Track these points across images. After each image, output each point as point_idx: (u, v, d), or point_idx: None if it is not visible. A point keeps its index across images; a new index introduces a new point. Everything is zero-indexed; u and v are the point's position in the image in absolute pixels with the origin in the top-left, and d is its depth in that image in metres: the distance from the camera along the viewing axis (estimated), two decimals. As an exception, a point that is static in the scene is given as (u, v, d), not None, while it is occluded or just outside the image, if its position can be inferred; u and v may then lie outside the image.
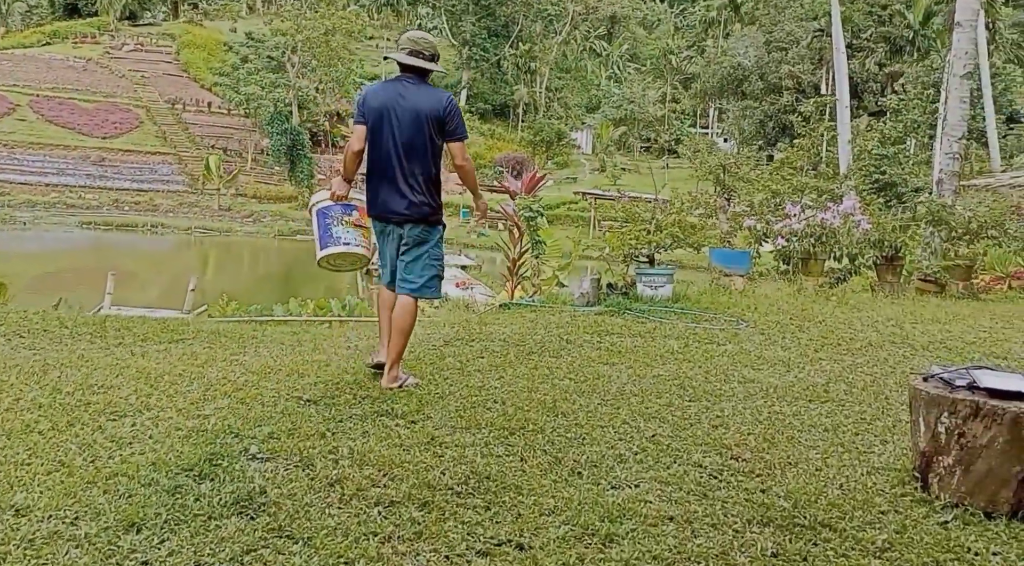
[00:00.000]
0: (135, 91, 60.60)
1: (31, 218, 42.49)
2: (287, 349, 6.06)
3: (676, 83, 71.89)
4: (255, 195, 50.49)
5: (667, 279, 8.02)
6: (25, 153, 50.68)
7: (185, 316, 15.56)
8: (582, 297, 7.83)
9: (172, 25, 76.98)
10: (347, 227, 5.03)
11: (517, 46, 68.43)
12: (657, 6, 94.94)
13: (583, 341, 6.29)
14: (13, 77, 58.66)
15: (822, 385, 5.28)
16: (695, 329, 6.94)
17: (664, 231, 7.96)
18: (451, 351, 5.82)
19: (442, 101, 4.71)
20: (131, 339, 6.32)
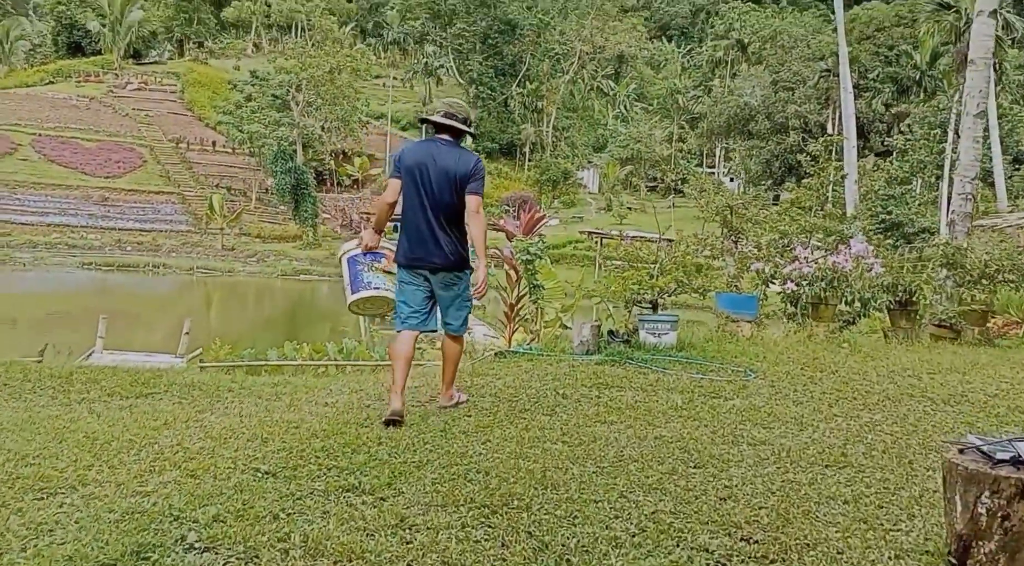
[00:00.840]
0: (139, 130, 60.93)
1: (31, 258, 42.41)
2: (260, 405, 5.65)
3: (683, 123, 72.06)
4: (259, 234, 50.36)
5: (671, 326, 7.60)
6: (27, 193, 50.84)
7: (178, 361, 15.22)
8: (581, 345, 7.40)
9: (177, 64, 77.65)
10: (376, 273, 5.50)
11: (524, 85, 68.70)
12: (664, 46, 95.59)
13: (580, 396, 5.85)
14: (15, 116, 59.11)
15: (839, 447, 4.83)
16: (700, 381, 6.51)
17: (668, 275, 7.56)
18: (436, 410, 5.39)
19: (471, 163, 5.16)
20: (96, 393, 5.96)
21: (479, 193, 5.18)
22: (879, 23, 59.47)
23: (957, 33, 39.96)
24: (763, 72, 62.05)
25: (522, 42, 68.10)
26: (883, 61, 56.50)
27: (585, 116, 75.05)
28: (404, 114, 72.88)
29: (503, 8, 67.27)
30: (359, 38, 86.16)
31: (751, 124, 58.32)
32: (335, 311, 26.37)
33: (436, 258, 5.15)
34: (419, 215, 5.12)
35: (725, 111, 60.45)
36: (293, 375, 13.34)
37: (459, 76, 69.72)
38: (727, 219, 9.52)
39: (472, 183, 5.12)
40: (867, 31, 58.89)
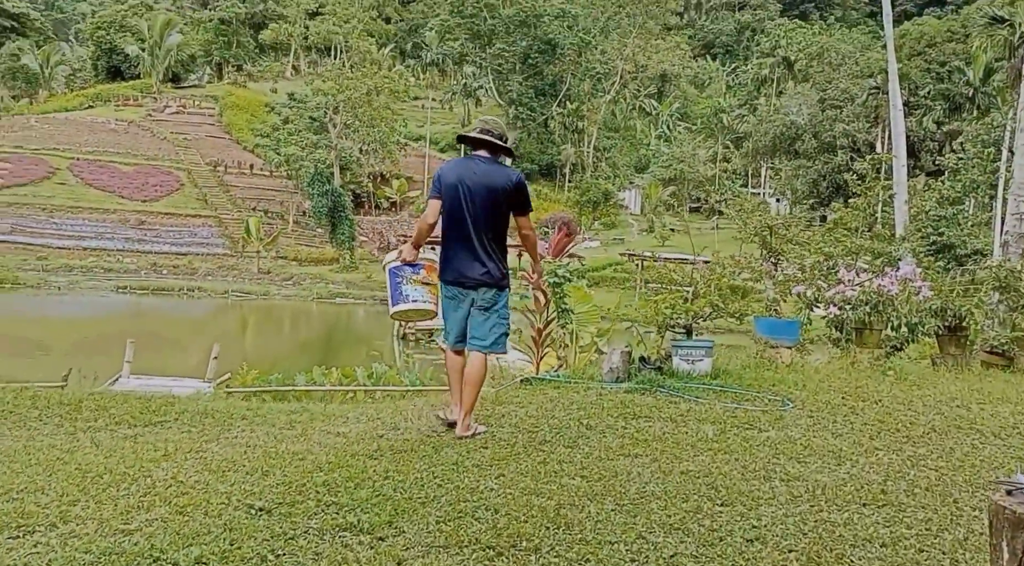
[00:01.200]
0: (176, 153, 61.03)
1: (67, 282, 42.43)
2: (271, 435, 5.45)
3: (727, 142, 71.43)
4: (295, 257, 50.32)
5: (705, 352, 7.29)
6: (64, 217, 51.16)
7: (206, 386, 15.11)
8: (610, 372, 7.12)
9: (216, 87, 77.85)
10: (415, 285, 5.58)
11: (565, 105, 68.51)
12: (709, 64, 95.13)
13: (605, 427, 5.57)
14: (54, 140, 59.50)
15: (879, 484, 4.50)
16: (734, 411, 6.19)
17: (703, 299, 7.25)
18: (452, 440, 5.14)
19: (511, 178, 5.23)
20: (104, 422, 5.82)
21: (528, 210, 5.34)
22: (930, 39, 58.46)
23: (1011, 48, 39.05)
24: (810, 90, 61.26)
25: (563, 62, 67.90)
26: (934, 78, 55.46)
27: (627, 136, 74.65)
28: (443, 136, 73.02)
29: (544, 28, 67.17)
30: (398, 59, 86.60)
31: (797, 143, 57.54)
32: (370, 334, 26.40)
33: (477, 274, 5.21)
34: (460, 232, 5.17)
35: (770, 130, 59.76)
36: (320, 400, 13.24)
37: (498, 97, 69.72)
38: (766, 240, 9.14)
39: (519, 201, 5.24)
40: (918, 47, 57.91)
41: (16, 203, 51.35)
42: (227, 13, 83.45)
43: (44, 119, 65.02)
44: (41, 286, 41.66)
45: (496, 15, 66.55)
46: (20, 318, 34.04)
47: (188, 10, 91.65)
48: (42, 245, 48.07)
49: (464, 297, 5.31)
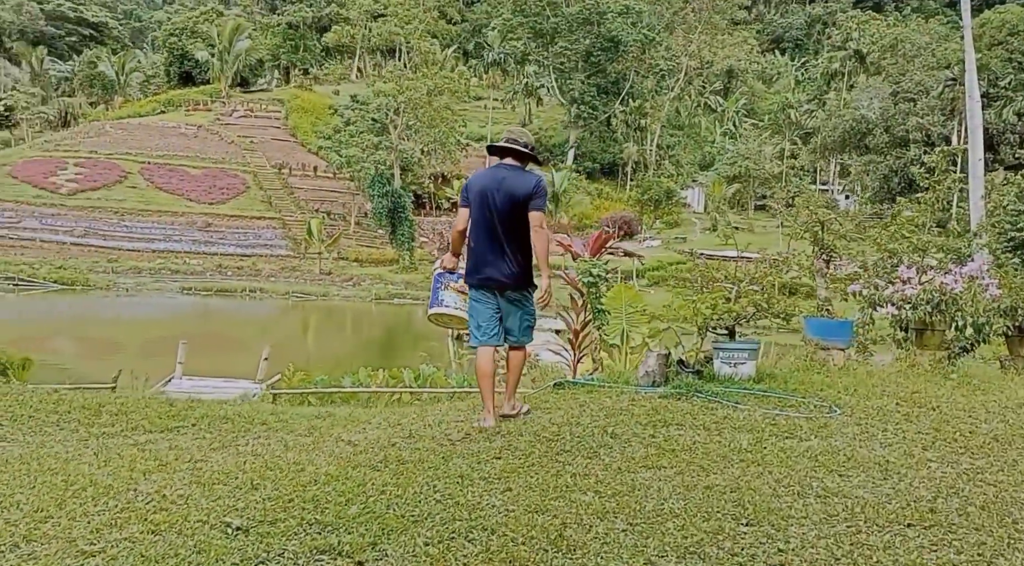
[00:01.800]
0: (243, 156, 61.93)
1: (134, 284, 43.23)
2: (281, 443, 5.27)
3: (795, 138, 69.84)
4: (357, 258, 50.60)
5: (749, 354, 6.87)
6: (134, 220, 52.31)
7: (256, 387, 15.17)
8: (646, 376, 6.76)
9: (282, 90, 78.74)
10: (452, 292, 5.88)
11: (627, 103, 67.72)
12: (777, 59, 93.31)
13: (632, 435, 5.22)
14: (127, 145, 60.97)
15: (927, 501, 4.08)
16: (775, 418, 5.78)
17: (745, 298, 6.82)
18: (464, 450, 4.85)
19: (532, 182, 5.46)
20: (119, 428, 5.74)
21: (541, 209, 5.45)
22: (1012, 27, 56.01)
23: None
24: (882, 83, 59.41)
25: (626, 59, 67.03)
26: (1016, 67, 53.19)
27: (691, 133, 73.51)
28: (505, 136, 72.48)
29: (607, 25, 66.44)
30: (461, 60, 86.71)
31: (868, 138, 55.81)
32: (427, 335, 26.27)
33: (503, 277, 5.47)
34: (486, 237, 5.44)
35: (840, 125, 58.09)
36: (368, 402, 13.14)
37: (560, 95, 69.24)
38: (817, 236, 8.59)
39: (534, 200, 5.39)
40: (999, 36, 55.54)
41: (89, 207, 52.70)
42: (294, 17, 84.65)
43: (118, 124, 66.51)
44: (110, 287, 42.53)
45: (559, 13, 66.07)
46: (91, 319, 34.92)
47: (257, 15, 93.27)
48: (113, 247, 49.26)
49: (490, 298, 5.58)
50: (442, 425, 5.66)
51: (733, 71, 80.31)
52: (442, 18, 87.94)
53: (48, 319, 35.08)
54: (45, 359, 23.70)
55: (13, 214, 50.84)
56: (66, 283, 41.96)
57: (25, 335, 29.04)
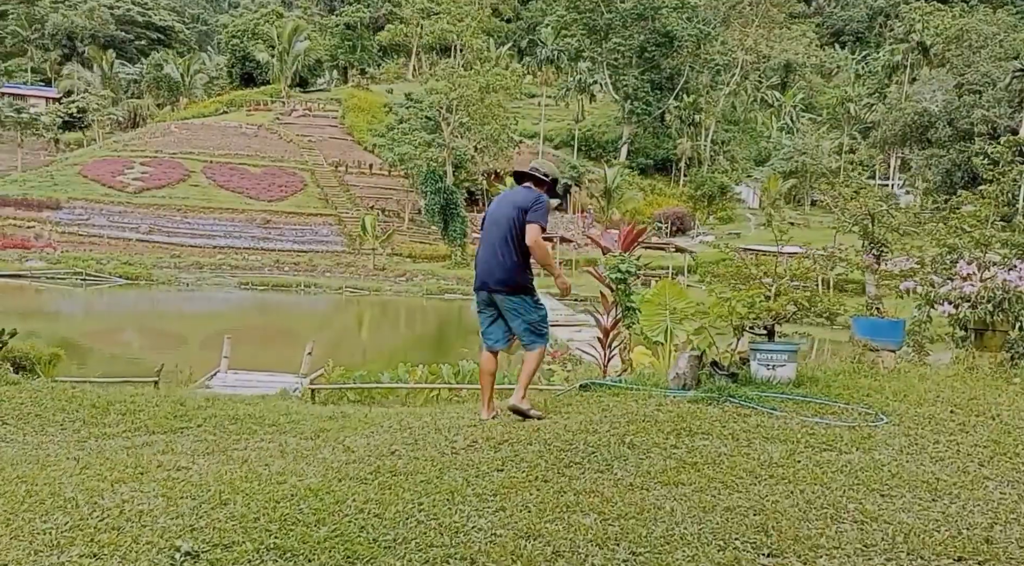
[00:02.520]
0: (301, 155, 62.87)
1: (195, 279, 44.19)
2: (279, 448, 4.94)
3: (854, 133, 68.07)
4: (410, 254, 51.06)
5: (788, 356, 6.34)
6: (196, 217, 53.48)
7: (299, 381, 15.03)
8: (677, 379, 6.28)
9: (340, 90, 79.63)
10: None
11: (681, 98, 66.72)
12: (836, 53, 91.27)
13: (652, 445, 4.76)
14: (190, 145, 62.39)
15: (982, 529, 3.57)
16: (814, 426, 5.26)
17: (785, 296, 6.28)
18: (465, 460, 4.45)
19: (532, 196, 5.63)
20: (123, 428, 5.55)
21: (536, 222, 5.52)
22: (1085, 15, 53.81)
23: None
24: (946, 75, 57.44)
25: (680, 54, 66.03)
26: (1089, 56, 51.06)
27: (747, 128, 72.08)
28: (558, 133, 72.39)
29: (661, 20, 65.54)
30: (515, 58, 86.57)
31: (930, 131, 53.98)
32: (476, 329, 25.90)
33: (495, 284, 5.67)
34: (486, 245, 5.74)
35: (901, 118, 56.29)
36: (407, 398, 12.86)
37: (614, 91, 68.51)
38: (867, 229, 7.91)
39: (532, 212, 5.53)
40: (1071, 24, 53.40)
41: (154, 204, 54.11)
42: (352, 18, 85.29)
43: (182, 125, 67.99)
44: (172, 282, 43.53)
45: (613, 9, 65.34)
46: (155, 313, 36.10)
47: (316, 17, 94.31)
48: (176, 244, 50.44)
49: (489, 304, 5.81)
50: (451, 431, 5.28)
51: (791, 65, 78.59)
52: (496, 16, 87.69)
53: (115, 313, 36.23)
54: (115, 351, 24.70)
55: (83, 212, 52.50)
56: (130, 278, 43.30)
57: (95, 329, 30.40)
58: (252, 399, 7.86)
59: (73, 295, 39.60)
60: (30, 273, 43.03)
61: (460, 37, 69.78)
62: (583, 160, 66.03)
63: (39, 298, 38.59)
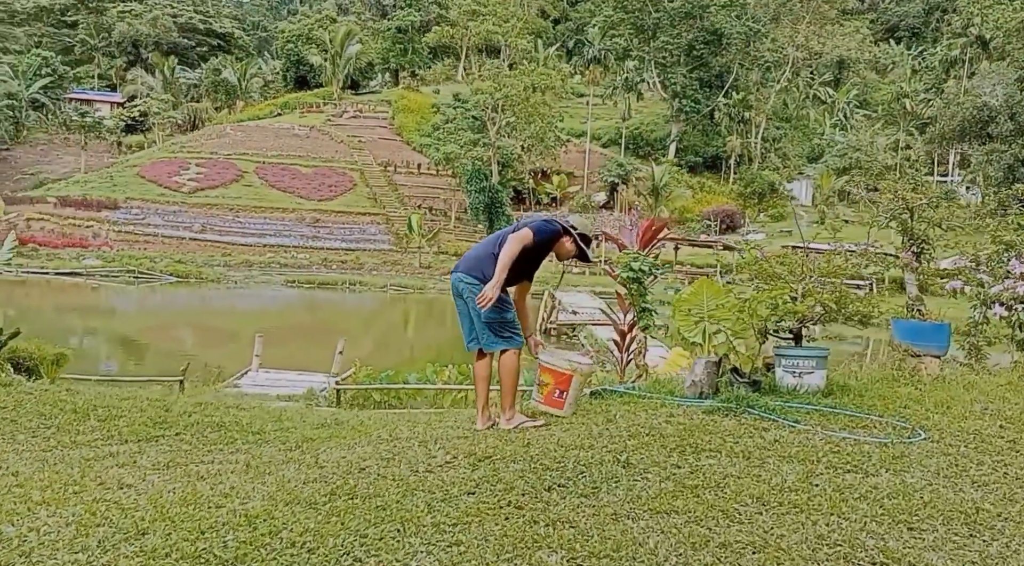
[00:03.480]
0: (351, 155, 63.46)
1: (243, 277, 44.88)
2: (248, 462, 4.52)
3: (910, 129, 66.19)
4: (456, 252, 50.93)
5: (817, 362, 5.74)
6: (248, 216, 54.26)
7: (328, 380, 14.77)
8: (693, 386, 5.73)
9: (390, 91, 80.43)
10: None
11: (731, 96, 65.53)
12: (892, 48, 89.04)
13: (651, 464, 4.22)
14: (244, 146, 63.54)
15: (1030, 573, 3.00)
16: (840, 442, 4.67)
17: (810, 297, 5.66)
18: (436, 480, 3.96)
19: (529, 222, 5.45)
20: (96, 436, 5.29)
21: (519, 230, 5.31)
22: None
23: None
24: (1007, 69, 55.40)
25: (729, 52, 64.83)
26: None
27: (799, 125, 70.48)
28: (606, 131, 71.73)
29: (710, 18, 64.49)
30: (564, 58, 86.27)
31: (990, 126, 52.05)
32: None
33: (463, 267, 5.47)
34: None
35: (959, 113, 54.39)
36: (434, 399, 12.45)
37: (662, 90, 67.56)
38: (906, 224, 7.18)
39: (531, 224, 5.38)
40: None
41: (208, 204, 55.10)
42: (403, 22, 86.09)
43: (238, 127, 69.13)
44: (220, 280, 44.09)
45: (661, 8, 64.43)
46: (202, 310, 36.79)
47: (369, 21, 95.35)
48: (228, 242, 51.18)
49: (459, 298, 5.47)
50: (437, 443, 4.82)
51: (844, 61, 76.73)
52: (543, 16, 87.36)
53: (166, 310, 37.07)
54: (170, 348, 25.14)
55: (140, 211, 53.77)
56: (180, 276, 44.14)
57: (149, 325, 31.24)
58: (250, 403, 7.50)
59: (126, 293, 40.52)
60: (85, 271, 44.25)
61: (506, 38, 69.51)
62: (631, 158, 65.24)
63: (95, 295, 39.62)
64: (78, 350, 25.27)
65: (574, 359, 5.60)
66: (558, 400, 5.53)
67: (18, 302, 36.32)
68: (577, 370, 5.48)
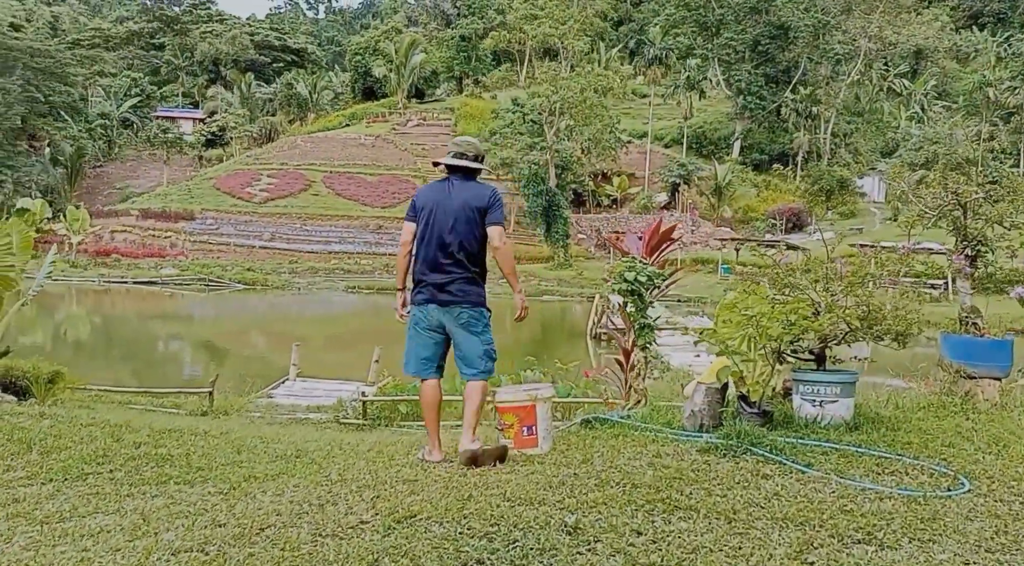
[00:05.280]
0: (415, 162, 64.24)
1: (306, 283, 46.10)
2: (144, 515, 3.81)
3: (995, 119, 63.21)
4: (515, 256, 50.57)
5: (842, 389, 4.78)
6: (315, 225, 55.51)
7: (363, 389, 14.26)
8: (691, 417, 4.84)
9: (454, 99, 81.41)
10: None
11: (798, 91, 63.44)
12: (974, 36, 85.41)
13: (606, 529, 3.32)
14: (312, 156, 65.13)
15: None
16: (857, 496, 3.73)
17: (831, 313, 4.68)
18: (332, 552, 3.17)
19: (486, 194, 4.99)
20: (21, 474, 4.69)
21: (500, 223, 4.97)
22: None
23: None
24: (1103, 51, 52.43)
25: (797, 46, 62.71)
26: None
27: (872, 119, 67.78)
28: (667, 131, 70.42)
29: (776, 13, 62.49)
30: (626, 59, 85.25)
31: (1083, 114, 49.29)
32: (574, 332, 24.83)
33: (449, 294, 4.89)
34: (433, 250, 4.92)
35: (1049, 101, 51.69)
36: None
37: (726, 87, 65.84)
38: (958, 222, 6.03)
39: (492, 213, 4.93)
40: None
41: (277, 213, 56.70)
42: (466, 30, 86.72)
43: (308, 138, 70.88)
44: (285, 287, 45.24)
45: (724, 4, 62.88)
46: (270, 315, 37.85)
47: (434, 31, 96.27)
48: (295, 250, 52.75)
49: (436, 321, 4.94)
50: (372, 491, 4.08)
51: (922, 51, 73.80)
52: (602, 18, 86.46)
53: (238, 316, 38.37)
54: (246, 352, 26.27)
55: (214, 221, 55.79)
56: (248, 283, 45.91)
57: (224, 331, 32.59)
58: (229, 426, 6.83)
59: (198, 300, 42.02)
60: (160, 280, 46.56)
61: (563, 40, 68.93)
62: (693, 157, 63.74)
63: (171, 303, 41.42)
64: (163, 353, 26.03)
65: (530, 388, 4.83)
66: (529, 438, 4.76)
67: (104, 310, 39.04)
68: (538, 398, 4.76)
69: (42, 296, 38.06)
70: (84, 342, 29.72)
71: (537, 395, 4.78)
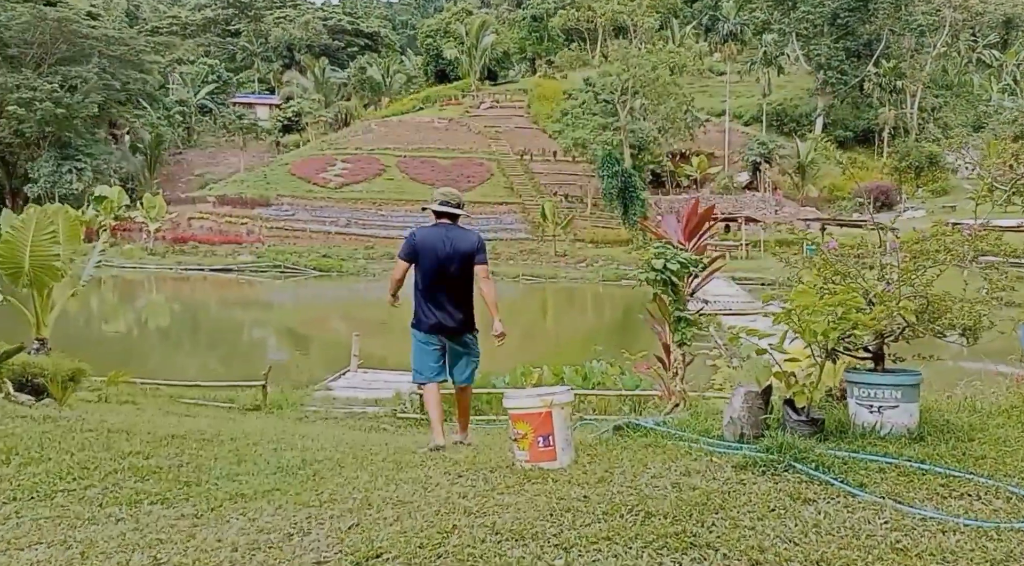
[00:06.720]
0: (488, 145, 63.97)
1: (381, 270, 46.18)
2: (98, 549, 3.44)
3: (1097, 85, 59.75)
4: (592, 239, 50.58)
5: (903, 394, 4.13)
6: (389, 210, 55.65)
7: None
8: (731, 425, 4.26)
9: (527, 80, 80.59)
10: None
11: (881, 64, 60.85)
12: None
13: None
14: (387, 140, 65.30)
15: None
16: (915, 526, 3.13)
17: (884, 304, 4.04)
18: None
19: (474, 240, 6.10)
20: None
21: (485, 263, 6.01)
22: None
23: None
24: None
25: (878, 18, 60.09)
26: None
27: (961, 92, 64.71)
28: (746, 109, 68.47)
29: (855, -17, 60.11)
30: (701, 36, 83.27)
31: None
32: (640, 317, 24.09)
33: (454, 324, 5.98)
34: (437, 290, 5.94)
35: None
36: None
37: (806, 62, 63.57)
38: None
39: (479, 255, 5.98)
40: None
41: (352, 198, 56.99)
42: (538, 10, 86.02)
43: (381, 123, 71.07)
44: (359, 274, 45.33)
45: (799, -24, 60.85)
46: (349, 301, 37.89)
47: (506, 11, 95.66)
48: (370, 235, 52.82)
49: (438, 344, 6.02)
50: (356, 515, 3.66)
51: (1011, 20, 70.18)
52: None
53: (317, 302, 38.83)
54: (328, 338, 26.63)
55: (289, 208, 56.41)
56: (323, 270, 46.09)
57: (306, 318, 33.30)
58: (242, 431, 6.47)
59: (275, 287, 42.50)
60: (236, 267, 46.92)
61: (632, 17, 67.47)
62: (773, 135, 61.79)
63: (250, 290, 42.06)
64: (241, 341, 26.37)
65: (544, 392, 4.28)
66: (546, 450, 4.21)
67: (184, 298, 39.80)
68: (553, 403, 4.19)
69: (122, 284, 39.36)
70: (165, 329, 30.37)
71: (553, 400, 4.23)
